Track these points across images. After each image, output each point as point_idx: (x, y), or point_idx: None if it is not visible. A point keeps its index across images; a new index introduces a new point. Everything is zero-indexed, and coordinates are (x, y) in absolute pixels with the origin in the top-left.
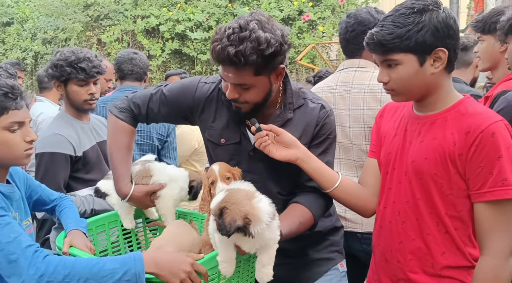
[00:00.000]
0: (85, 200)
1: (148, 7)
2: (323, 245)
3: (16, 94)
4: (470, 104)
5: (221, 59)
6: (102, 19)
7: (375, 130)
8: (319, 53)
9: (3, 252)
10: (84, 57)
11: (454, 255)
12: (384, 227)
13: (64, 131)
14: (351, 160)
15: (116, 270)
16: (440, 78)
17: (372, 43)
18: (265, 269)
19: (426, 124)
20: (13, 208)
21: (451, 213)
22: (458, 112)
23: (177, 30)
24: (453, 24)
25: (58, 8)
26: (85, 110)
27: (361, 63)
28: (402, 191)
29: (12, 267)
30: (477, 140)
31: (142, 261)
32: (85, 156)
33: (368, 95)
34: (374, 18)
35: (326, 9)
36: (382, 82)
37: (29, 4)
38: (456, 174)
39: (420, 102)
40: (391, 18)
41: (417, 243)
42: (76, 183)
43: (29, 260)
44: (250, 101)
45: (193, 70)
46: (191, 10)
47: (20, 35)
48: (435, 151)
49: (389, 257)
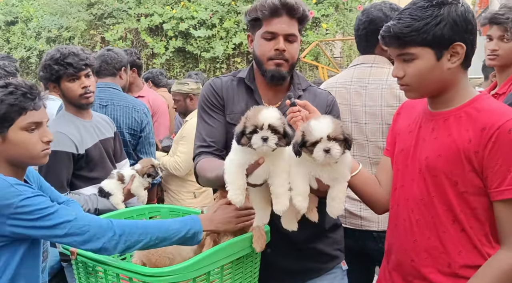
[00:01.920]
0: (89, 199)
1: (152, 5)
2: (326, 241)
3: (35, 95)
4: (486, 100)
5: (279, 10)
6: (105, 18)
7: (391, 128)
8: (322, 51)
9: (74, 227)
10: (69, 53)
11: (471, 254)
12: (398, 225)
13: (66, 129)
14: (366, 157)
15: (180, 230)
16: (456, 74)
17: (388, 36)
18: (335, 203)
19: (440, 121)
20: None
21: (466, 210)
22: (474, 108)
23: (180, 28)
24: (471, 18)
25: (62, 7)
26: (84, 105)
27: (377, 60)
28: (415, 188)
29: (88, 236)
30: (493, 137)
31: (199, 221)
32: (87, 153)
33: (386, 91)
34: (386, 16)
35: (330, 6)
36: (397, 77)
37: (33, 3)
38: (471, 171)
39: (435, 99)
40: (409, 11)
41: (432, 241)
42: (80, 181)
43: (104, 227)
44: (292, 56)
45: (196, 68)
46: (194, 8)
47: (25, 34)
48: (449, 147)
49: (403, 256)
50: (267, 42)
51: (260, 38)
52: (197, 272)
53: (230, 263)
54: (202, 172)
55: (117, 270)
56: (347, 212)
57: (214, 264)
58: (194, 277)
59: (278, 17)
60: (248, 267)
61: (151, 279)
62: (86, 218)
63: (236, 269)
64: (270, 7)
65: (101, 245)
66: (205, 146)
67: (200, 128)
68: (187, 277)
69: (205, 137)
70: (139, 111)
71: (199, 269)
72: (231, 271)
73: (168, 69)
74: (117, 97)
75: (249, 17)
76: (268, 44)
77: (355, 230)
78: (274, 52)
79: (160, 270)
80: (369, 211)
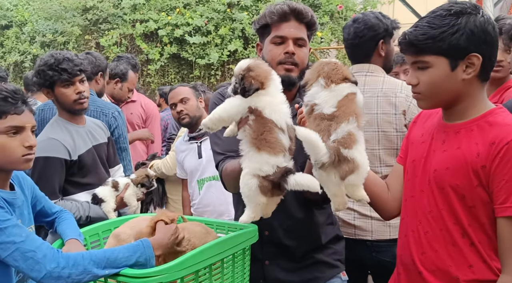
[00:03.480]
0: (81, 207)
1: (147, 12)
2: (326, 252)
3: (17, 99)
4: (501, 115)
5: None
6: (100, 23)
7: (406, 136)
8: (317, 59)
9: (18, 251)
10: (63, 58)
11: (481, 269)
12: (407, 236)
13: (59, 135)
14: None
15: (130, 257)
16: (472, 86)
17: (403, 43)
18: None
19: (451, 133)
20: (15, 214)
21: (474, 224)
22: (486, 122)
23: (175, 35)
24: (491, 30)
25: (57, 11)
26: (78, 111)
27: (371, 68)
28: (424, 199)
29: (31, 263)
30: (501, 153)
31: (151, 246)
32: (80, 159)
33: (382, 99)
34: (382, 23)
35: (325, 15)
36: (411, 84)
37: (28, 8)
38: (478, 186)
39: (448, 110)
40: (427, 19)
41: (441, 254)
42: (72, 187)
43: (48, 256)
44: (302, 61)
45: (191, 74)
46: (189, 15)
47: (19, 39)
48: (457, 161)
49: (411, 268)
50: (276, 46)
51: (270, 43)
52: (184, 271)
53: (219, 262)
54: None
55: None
56: (341, 220)
57: (202, 263)
58: (181, 277)
59: (287, 22)
60: (238, 266)
61: (138, 280)
62: (35, 243)
63: (225, 269)
64: (279, 12)
65: (42, 276)
66: (226, 151)
67: (215, 139)
68: (175, 277)
69: (221, 151)
70: (107, 115)
71: (186, 269)
72: (220, 271)
73: (162, 76)
74: None
75: (258, 25)
76: (278, 48)
77: (348, 239)
78: (283, 56)
79: (146, 271)
80: (363, 220)
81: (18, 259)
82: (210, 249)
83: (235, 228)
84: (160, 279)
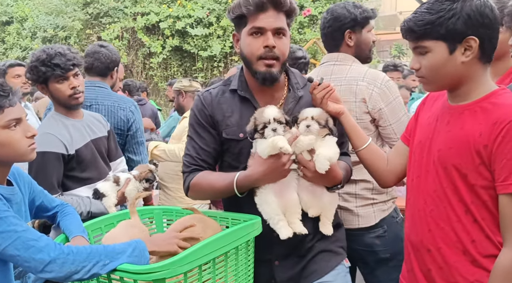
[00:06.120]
0: (82, 202)
1: (148, 4)
2: (330, 239)
3: (7, 92)
4: (503, 95)
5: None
6: (102, 17)
7: (414, 117)
8: (320, 48)
9: (20, 239)
10: (55, 53)
11: (484, 243)
12: (414, 216)
13: (55, 130)
14: None
15: (126, 248)
16: (473, 68)
17: (404, 29)
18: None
19: (455, 114)
20: (13, 210)
21: (476, 202)
22: (490, 103)
23: (177, 27)
24: (488, 13)
25: (58, 6)
26: (74, 106)
27: (340, 57)
28: (430, 179)
29: (33, 252)
30: (503, 132)
31: (143, 243)
32: (78, 154)
33: (344, 87)
34: (350, 13)
35: (327, 4)
36: (414, 69)
37: (29, 3)
38: (481, 165)
39: (453, 92)
40: (426, 5)
41: (446, 231)
42: (72, 181)
43: (50, 244)
44: (282, 53)
45: (194, 66)
46: (191, 7)
47: (20, 34)
48: (460, 141)
49: (420, 246)
50: (255, 39)
51: (247, 36)
52: (188, 266)
53: (223, 256)
54: (204, 183)
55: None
56: None
57: (205, 257)
58: (185, 272)
59: (264, 12)
60: (242, 258)
61: (141, 276)
62: (36, 234)
63: (229, 262)
64: (255, 2)
65: (46, 263)
66: (195, 164)
67: (189, 145)
68: (178, 272)
69: (194, 157)
70: (125, 109)
71: (189, 263)
72: (224, 264)
73: (165, 68)
74: (102, 96)
75: (233, 15)
76: (257, 41)
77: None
78: (263, 50)
79: (150, 266)
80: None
81: (19, 248)
82: (213, 243)
83: (239, 220)
84: (163, 274)
